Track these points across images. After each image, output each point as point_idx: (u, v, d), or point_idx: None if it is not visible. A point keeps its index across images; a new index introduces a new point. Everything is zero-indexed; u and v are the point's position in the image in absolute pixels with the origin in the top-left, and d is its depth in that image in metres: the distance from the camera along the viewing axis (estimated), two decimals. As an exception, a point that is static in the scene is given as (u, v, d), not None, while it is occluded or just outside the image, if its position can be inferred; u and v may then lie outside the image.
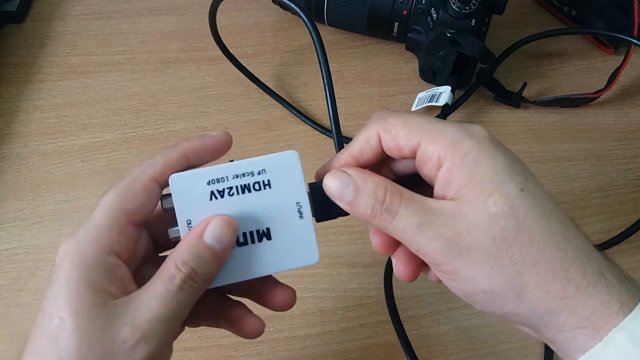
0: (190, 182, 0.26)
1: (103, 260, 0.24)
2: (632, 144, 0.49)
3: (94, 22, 0.56)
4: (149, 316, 0.23)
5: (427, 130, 0.25)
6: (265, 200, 0.26)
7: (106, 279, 0.23)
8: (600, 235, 0.44)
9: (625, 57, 0.49)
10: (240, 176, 0.26)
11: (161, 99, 0.51)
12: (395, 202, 0.24)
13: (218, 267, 0.25)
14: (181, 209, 0.26)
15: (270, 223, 0.26)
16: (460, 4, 0.45)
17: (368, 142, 0.26)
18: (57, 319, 0.22)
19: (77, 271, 0.23)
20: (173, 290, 0.23)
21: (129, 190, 0.25)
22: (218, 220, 0.24)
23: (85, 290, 0.23)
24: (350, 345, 0.39)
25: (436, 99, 0.48)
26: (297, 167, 0.27)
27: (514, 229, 0.23)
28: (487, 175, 0.23)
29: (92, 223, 0.24)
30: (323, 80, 0.36)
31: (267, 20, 0.57)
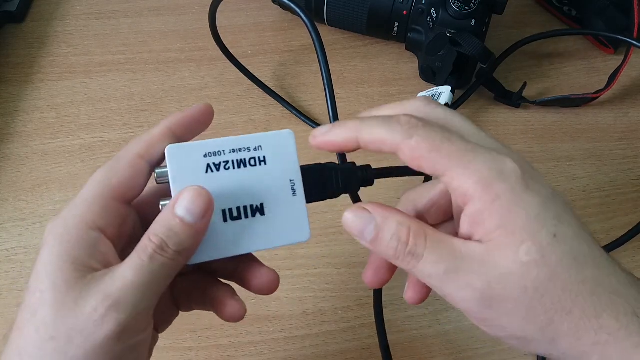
0: (187, 154, 0.26)
1: (85, 235, 0.24)
2: (632, 144, 0.49)
3: (94, 22, 0.56)
4: (120, 284, 0.22)
5: (456, 161, 0.23)
6: (260, 176, 0.27)
7: (87, 253, 0.23)
8: (600, 235, 0.44)
9: (625, 58, 0.49)
10: (237, 151, 0.27)
11: (161, 99, 0.51)
12: (420, 245, 0.23)
13: (193, 238, 0.24)
14: (176, 179, 0.25)
15: (264, 199, 0.26)
16: (460, 4, 0.45)
17: (383, 143, 0.24)
18: (39, 292, 0.23)
19: (58, 246, 0.23)
20: (145, 260, 0.23)
21: (113, 167, 0.25)
22: (189, 192, 0.24)
23: (65, 265, 0.23)
24: (350, 345, 0.39)
25: (436, 99, 0.48)
26: (292, 146, 0.27)
27: (547, 278, 0.22)
28: (520, 223, 0.22)
29: (78, 199, 0.25)
30: (323, 80, 0.36)
31: (267, 20, 0.57)
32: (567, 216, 0.23)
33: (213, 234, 0.26)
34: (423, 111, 0.25)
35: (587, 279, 0.22)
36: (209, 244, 0.25)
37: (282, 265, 0.42)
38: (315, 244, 0.43)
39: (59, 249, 0.23)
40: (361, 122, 0.25)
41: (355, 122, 0.25)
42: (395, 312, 0.41)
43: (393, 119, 0.24)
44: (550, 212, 0.23)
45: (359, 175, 0.29)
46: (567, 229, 0.23)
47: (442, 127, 0.24)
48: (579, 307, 0.22)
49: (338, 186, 0.28)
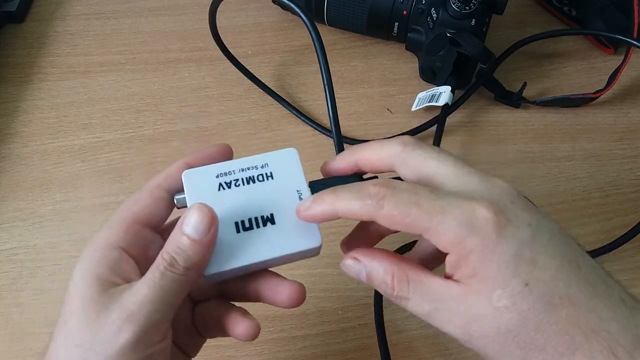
0: (201, 176, 0.29)
1: (108, 253, 0.26)
2: (632, 144, 0.49)
3: (94, 22, 0.56)
4: (135, 298, 0.25)
5: (427, 223, 0.24)
6: (269, 190, 0.28)
7: (110, 270, 0.26)
8: (600, 235, 0.44)
9: (625, 58, 0.49)
10: (245, 169, 0.29)
11: (161, 99, 0.51)
12: (404, 289, 0.26)
13: (200, 253, 0.26)
14: (192, 198, 0.28)
15: (274, 209, 0.28)
16: (460, 4, 0.45)
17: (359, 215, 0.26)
18: (69, 304, 0.25)
19: (86, 264, 0.26)
20: (157, 276, 0.25)
21: (135, 197, 0.28)
22: (193, 210, 0.26)
23: (91, 281, 0.25)
24: (350, 345, 0.39)
25: (436, 99, 0.48)
26: (297, 161, 0.29)
27: (518, 322, 0.23)
28: (491, 273, 0.23)
29: (106, 224, 0.28)
30: (323, 80, 0.36)
31: (267, 20, 0.57)
32: (545, 257, 0.24)
33: (227, 244, 0.27)
34: (400, 157, 0.27)
35: (560, 319, 0.23)
36: (224, 254, 0.27)
37: (282, 266, 0.42)
38: (315, 244, 0.43)
39: (86, 266, 0.26)
40: (336, 196, 0.26)
41: (331, 196, 0.27)
42: (395, 312, 0.41)
43: (364, 191, 0.25)
44: (524, 260, 0.24)
45: None
46: (542, 273, 0.24)
47: (411, 188, 0.25)
48: (551, 345, 0.23)
49: None
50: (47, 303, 0.40)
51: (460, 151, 0.48)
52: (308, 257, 0.29)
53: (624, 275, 0.43)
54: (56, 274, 0.42)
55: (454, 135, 0.49)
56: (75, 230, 0.44)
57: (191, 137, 0.49)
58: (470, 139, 0.49)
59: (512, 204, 0.25)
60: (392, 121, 0.50)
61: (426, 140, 0.48)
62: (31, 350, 0.39)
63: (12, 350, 0.39)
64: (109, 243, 0.27)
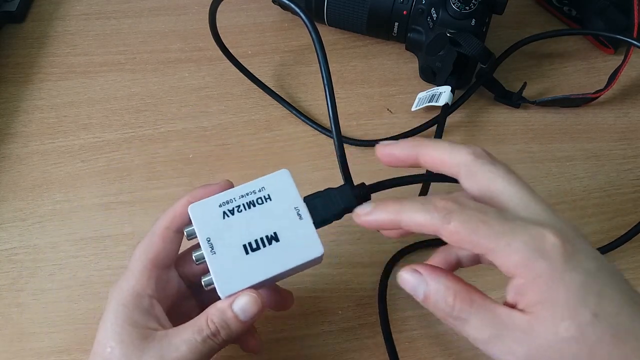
0: (205, 208, 0.31)
1: (139, 302, 0.30)
2: (632, 144, 0.49)
3: (94, 22, 0.56)
4: (175, 355, 0.28)
5: (495, 243, 0.24)
6: (269, 210, 0.31)
7: (143, 316, 0.29)
8: (600, 235, 0.44)
9: (625, 58, 0.49)
10: (245, 195, 0.31)
11: (161, 99, 0.51)
12: (465, 310, 0.25)
13: (241, 330, 0.29)
14: (200, 230, 0.30)
15: (276, 228, 0.30)
16: (460, 4, 0.45)
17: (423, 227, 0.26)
18: (109, 347, 0.29)
19: (121, 312, 0.29)
20: (199, 341, 0.28)
21: (149, 242, 0.31)
22: (247, 296, 0.29)
23: (129, 327, 0.29)
24: (350, 345, 0.39)
25: (436, 99, 0.48)
26: (290, 181, 0.32)
27: (585, 354, 0.23)
28: (560, 300, 0.23)
29: (129, 273, 0.31)
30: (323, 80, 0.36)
31: (267, 20, 0.57)
32: (610, 290, 0.24)
33: (239, 266, 0.30)
34: (469, 168, 0.27)
35: (626, 353, 0.23)
36: (238, 275, 0.30)
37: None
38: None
39: (122, 312, 0.29)
40: (401, 206, 0.27)
41: (396, 205, 0.27)
42: (396, 312, 0.41)
43: (431, 204, 0.26)
44: (591, 290, 0.24)
45: (355, 193, 0.32)
46: (608, 305, 0.24)
47: (480, 207, 0.25)
48: None
49: (338, 206, 0.32)
50: (47, 303, 0.40)
51: (460, 151, 0.48)
52: (313, 265, 0.31)
53: (624, 275, 0.42)
54: (56, 274, 0.42)
55: (454, 135, 0.49)
56: (75, 230, 0.44)
57: (191, 137, 0.49)
58: (470, 139, 0.49)
59: (577, 237, 0.25)
60: (392, 121, 0.50)
61: (426, 140, 0.48)
62: (31, 350, 0.39)
63: (12, 350, 0.39)
64: (137, 292, 0.30)
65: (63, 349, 0.39)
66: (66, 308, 0.40)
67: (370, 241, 0.43)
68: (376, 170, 0.47)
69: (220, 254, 0.30)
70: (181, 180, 0.46)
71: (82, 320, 0.40)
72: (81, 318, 0.40)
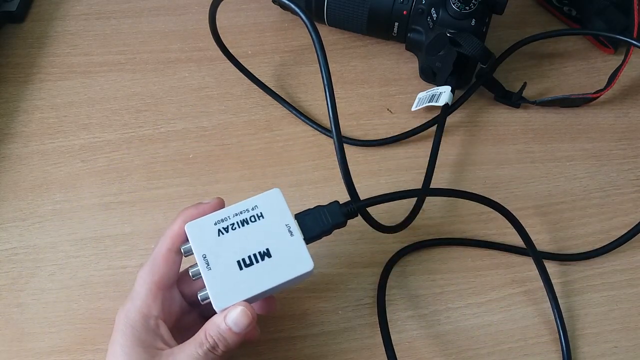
0: (201, 226, 0.33)
1: (146, 323, 0.32)
2: (632, 144, 0.49)
3: (94, 22, 0.56)
4: None
5: None
6: (261, 228, 0.33)
7: (151, 337, 0.31)
8: (600, 235, 0.44)
9: (625, 58, 0.49)
10: (238, 214, 0.33)
11: (161, 99, 0.51)
12: None
13: (237, 341, 0.31)
14: (197, 247, 0.32)
15: (268, 244, 0.32)
16: (460, 4, 0.45)
17: None
18: None
19: (130, 334, 0.31)
20: (201, 355, 0.30)
21: (153, 265, 0.33)
22: (237, 310, 0.31)
23: (137, 347, 0.31)
24: (350, 345, 0.39)
25: (436, 99, 0.48)
26: (282, 199, 0.34)
27: None
28: None
29: (135, 296, 0.32)
30: (323, 80, 0.36)
31: (267, 20, 0.57)
32: None
33: (234, 281, 0.31)
34: None
35: None
36: (232, 290, 0.31)
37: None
38: (315, 244, 0.43)
39: (130, 334, 0.31)
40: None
41: None
42: (396, 312, 0.41)
43: None
44: None
45: (344, 211, 0.35)
46: None
47: None
48: None
49: (328, 222, 0.34)
50: (47, 303, 0.40)
51: (460, 151, 0.48)
52: (304, 279, 0.33)
53: (624, 275, 0.43)
54: (56, 274, 0.42)
55: (454, 135, 0.49)
56: (75, 230, 0.44)
57: (191, 137, 0.49)
58: (470, 139, 0.49)
59: None
60: (392, 121, 0.50)
61: (426, 140, 0.48)
62: (31, 350, 0.39)
63: (12, 350, 0.39)
64: (144, 314, 0.32)
65: (63, 349, 0.39)
66: (66, 308, 0.40)
67: (370, 241, 0.43)
68: (376, 170, 0.47)
69: (216, 270, 0.31)
70: (181, 180, 0.46)
71: (82, 320, 0.40)
72: (81, 318, 0.40)
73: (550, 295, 0.40)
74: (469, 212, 0.45)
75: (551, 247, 0.44)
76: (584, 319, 0.41)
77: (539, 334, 0.40)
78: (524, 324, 0.40)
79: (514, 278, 0.42)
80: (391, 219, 0.42)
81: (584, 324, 0.41)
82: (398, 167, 0.47)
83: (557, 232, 0.44)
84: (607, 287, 0.42)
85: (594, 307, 0.41)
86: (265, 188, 0.38)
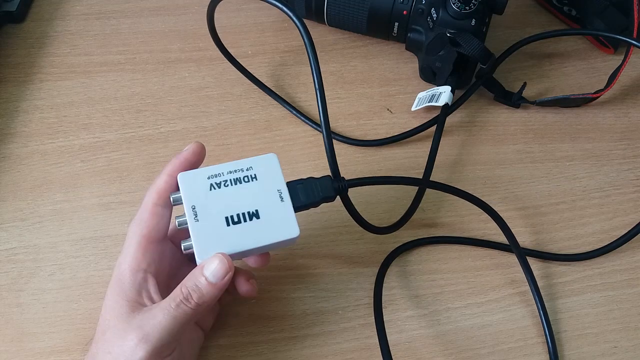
0: (194, 178, 0.33)
1: (133, 277, 0.32)
2: (632, 144, 0.49)
3: (94, 22, 0.56)
4: (152, 322, 0.30)
5: None
6: (253, 189, 0.33)
7: (135, 292, 0.32)
8: (600, 235, 0.44)
9: (625, 58, 0.49)
10: (233, 172, 0.33)
11: (161, 99, 0.51)
12: None
13: (213, 294, 0.31)
14: (187, 197, 0.32)
15: (258, 206, 0.33)
16: (460, 4, 0.45)
17: None
18: (106, 319, 0.32)
19: (116, 288, 0.32)
20: (173, 307, 0.30)
21: (140, 220, 0.33)
22: (214, 258, 0.31)
23: (121, 301, 0.31)
24: (350, 345, 0.39)
25: (436, 99, 0.48)
26: (277, 164, 0.34)
27: None
28: None
29: (125, 251, 0.33)
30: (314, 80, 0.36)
31: (267, 20, 0.57)
32: None
33: (219, 235, 0.32)
34: None
35: None
36: (217, 244, 0.31)
37: (282, 265, 0.42)
38: (315, 244, 0.43)
39: (116, 289, 0.32)
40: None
41: None
42: (395, 312, 0.41)
43: None
44: None
45: (335, 186, 0.35)
46: None
47: None
48: None
49: (318, 194, 0.34)
50: (47, 303, 0.40)
51: (460, 151, 0.48)
52: (288, 245, 0.33)
53: (624, 275, 0.43)
54: (56, 274, 0.42)
55: (454, 135, 0.49)
56: (75, 230, 0.44)
57: (191, 137, 0.49)
58: (470, 139, 0.49)
59: None
60: (392, 121, 0.50)
61: (426, 140, 0.48)
62: (31, 351, 0.39)
63: (12, 350, 0.39)
64: (132, 268, 0.32)
65: (63, 349, 0.39)
66: (66, 308, 0.40)
67: (370, 241, 0.43)
68: (376, 170, 0.47)
69: (203, 222, 0.32)
70: (181, 180, 0.46)
71: (82, 320, 0.40)
72: (81, 318, 0.40)
73: (536, 294, 0.40)
74: (468, 212, 0.45)
75: (551, 247, 0.44)
76: (584, 319, 0.41)
77: (539, 333, 0.40)
78: (524, 323, 0.40)
79: (514, 278, 0.42)
80: (390, 220, 0.42)
81: (584, 324, 0.41)
82: (398, 167, 0.47)
83: (557, 232, 0.44)
84: (607, 287, 0.42)
85: (594, 307, 0.41)
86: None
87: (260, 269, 0.38)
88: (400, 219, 0.42)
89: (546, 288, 0.42)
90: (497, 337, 0.40)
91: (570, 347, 0.40)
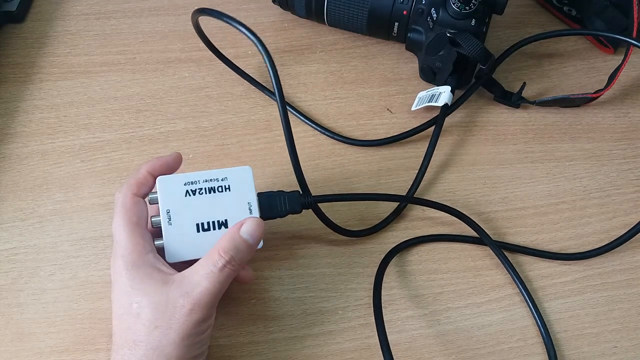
0: (172, 183, 0.35)
1: (145, 259, 0.33)
2: (632, 144, 0.49)
3: (94, 22, 0.56)
4: (200, 289, 0.32)
5: None
6: (225, 200, 0.35)
7: (155, 268, 0.33)
8: (600, 235, 0.44)
9: (625, 57, 0.49)
10: (208, 181, 0.35)
11: (161, 99, 0.51)
12: None
13: (250, 254, 0.33)
14: (163, 201, 0.34)
15: (228, 216, 0.35)
16: (460, 4, 0.45)
17: None
18: (135, 303, 0.32)
19: (134, 272, 0.32)
20: (216, 272, 0.32)
21: (124, 210, 0.34)
22: (251, 221, 0.34)
23: (147, 280, 0.32)
24: (350, 345, 0.39)
25: (436, 99, 0.48)
26: (250, 177, 0.36)
27: None
28: None
29: (122, 243, 0.33)
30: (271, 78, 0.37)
31: (267, 20, 0.57)
32: None
33: (188, 240, 0.34)
34: None
35: None
36: (184, 248, 0.34)
37: (282, 265, 0.42)
38: (315, 244, 0.43)
39: (135, 271, 0.32)
40: None
41: None
42: (395, 312, 0.41)
43: None
44: None
45: (301, 201, 0.38)
46: None
47: None
48: None
49: (285, 208, 0.37)
50: (47, 303, 0.40)
51: (460, 151, 0.48)
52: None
53: (624, 275, 0.43)
54: (56, 274, 0.42)
55: (454, 135, 0.49)
56: (75, 230, 0.44)
57: (191, 137, 0.49)
58: (470, 139, 0.49)
59: None
60: (392, 121, 0.50)
61: (426, 140, 0.48)
62: (31, 351, 0.39)
63: (12, 350, 0.39)
64: (139, 251, 0.33)
65: (63, 349, 0.39)
66: (66, 308, 0.40)
67: (370, 241, 0.43)
68: (376, 170, 0.47)
69: (175, 226, 0.34)
70: (181, 180, 0.46)
71: (82, 320, 0.40)
72: (81, 318, 0.40)
73: (525, 293, 0.41)
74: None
75: (551, 247, 0.44)
76: (584, 319, 0.41)
77: (539, 333, 0.40)
78: (524, 323, 0.40)
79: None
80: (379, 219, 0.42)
81: (583, 323, 0.41)
82: (398, 167, 0.47)
83: (557, 232, 0.44)
84: (607, 287, 0.42)
85: (594, 307, 0.41)
86: (265, 188, 0.38)
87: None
88: (376, 225, 0.44)
89: (546, 288, 0.42)
90: (497, 337, 0.40)
91: (570, 347, 0.40)
